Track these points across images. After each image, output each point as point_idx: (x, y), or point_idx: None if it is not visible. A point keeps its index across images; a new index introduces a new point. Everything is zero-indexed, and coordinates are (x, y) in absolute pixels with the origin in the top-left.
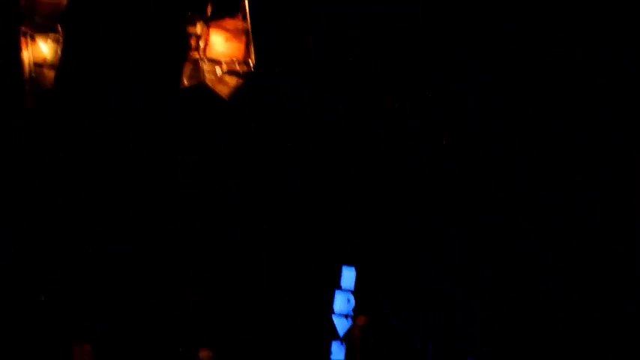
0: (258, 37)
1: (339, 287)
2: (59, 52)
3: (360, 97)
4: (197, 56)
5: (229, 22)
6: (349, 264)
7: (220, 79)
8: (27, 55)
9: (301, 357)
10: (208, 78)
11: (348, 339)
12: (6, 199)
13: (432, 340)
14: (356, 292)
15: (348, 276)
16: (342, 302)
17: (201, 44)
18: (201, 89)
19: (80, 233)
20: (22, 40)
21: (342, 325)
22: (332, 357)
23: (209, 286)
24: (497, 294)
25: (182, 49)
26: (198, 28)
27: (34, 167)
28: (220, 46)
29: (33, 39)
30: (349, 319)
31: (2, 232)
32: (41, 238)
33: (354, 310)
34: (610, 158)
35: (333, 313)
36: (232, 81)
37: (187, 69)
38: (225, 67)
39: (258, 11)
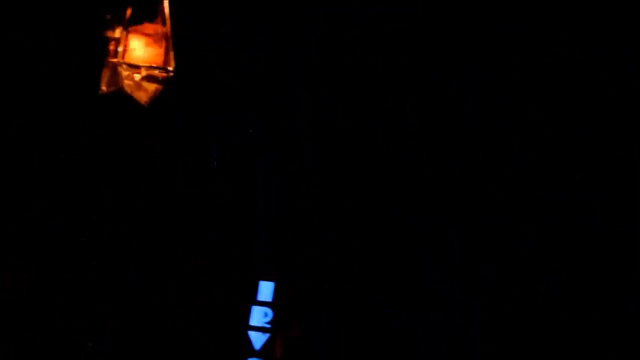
0: (258, 38)
1: (256, 301)
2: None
3: (360, 97)
4: (115, 61)
5: (148, 27)
6: (268, 277)
7: (138, 85)
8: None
9: None
10: (126, 84)
11: (266, 355)
12: (6, 200)
13: (432, 340)
14: (275, 306)
15: (266, 289)
16: (259, 316)
17: (120, 49)
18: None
19: (80, 233)
20: None
21: (258, 340)
22: None
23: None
24: (497, 294)
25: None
26: (117, 33)
27: (34, 167)
28: (139, 51)
29: None
30: (267, 334)
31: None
32: (41, 238)
33: (273, 324)
34: (610, 158)
35: (250, 327)
36: (151, 87)
37: (105, 75)
38: (144, 72)
39: (258, 12)
